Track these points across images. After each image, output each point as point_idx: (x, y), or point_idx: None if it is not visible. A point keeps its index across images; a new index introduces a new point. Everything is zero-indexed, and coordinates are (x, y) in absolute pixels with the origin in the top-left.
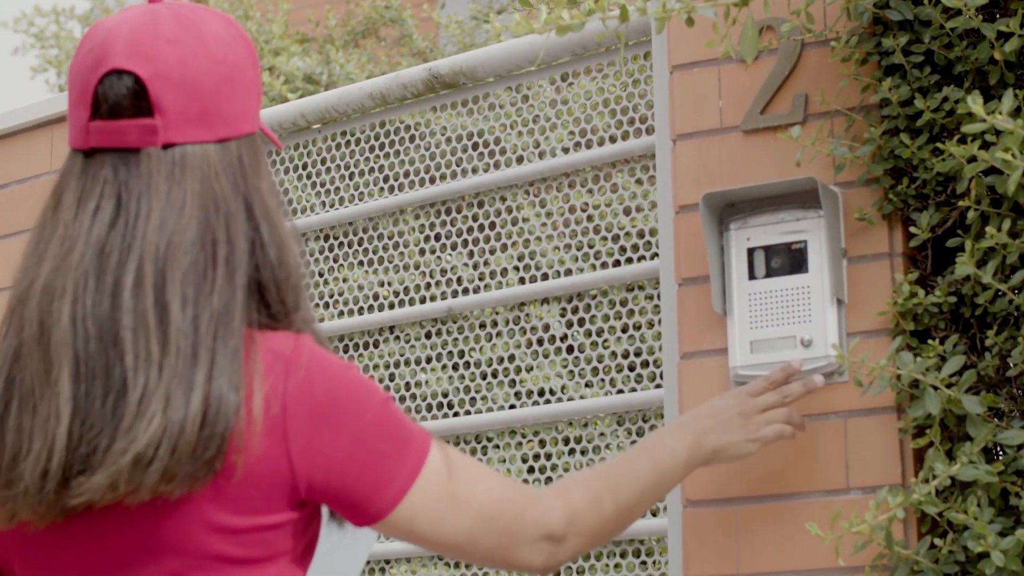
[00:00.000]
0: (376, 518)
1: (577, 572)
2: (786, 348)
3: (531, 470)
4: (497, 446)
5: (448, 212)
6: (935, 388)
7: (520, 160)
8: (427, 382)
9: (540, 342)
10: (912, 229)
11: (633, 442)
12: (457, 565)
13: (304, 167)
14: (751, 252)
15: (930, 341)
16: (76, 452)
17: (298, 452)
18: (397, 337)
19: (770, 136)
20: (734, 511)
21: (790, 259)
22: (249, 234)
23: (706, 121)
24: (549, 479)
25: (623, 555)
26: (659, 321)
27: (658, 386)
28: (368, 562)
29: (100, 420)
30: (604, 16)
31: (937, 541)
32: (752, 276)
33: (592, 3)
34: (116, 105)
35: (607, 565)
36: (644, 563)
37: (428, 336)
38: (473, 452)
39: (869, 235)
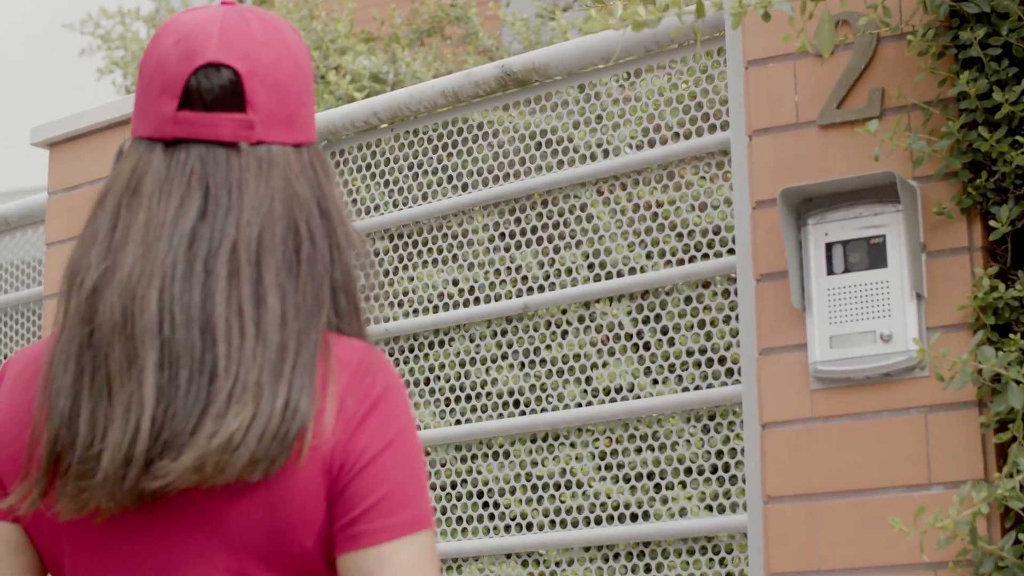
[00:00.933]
0: (368, 539)
1: (644, 570)
2: (865, 343)
3: (604, 467)
4: (571, 444)
5: (517, 211)
6: (1017, 383)
7: (590, 158)
8: (498, 380)
9: (611, 340)
10: (991, 223)
11: (707, 440)
12: (533, 563)
13: (373, 166)
14: (829, 247)
15: (1011, 335)
16: (160, 437)
17: (343, 442)
18: (468, 335)
19: (846, 131)
20: (815, 506)
21: (869, 254)
22: (327, 237)
23: (782, 116)
24: (623, 477)
25: (690, 552)
26: (732, 317)
27: (736, 382)
28: (441, 560)
29: (185, 406)
30: (680, 12)
31: (1022, 536)
32: (831, 271)
33: None
34: (211, 97)
35: (675, 563)
36: (711, 560)
37: (500, 334)
38: (547, 450)
39: (948, 229)
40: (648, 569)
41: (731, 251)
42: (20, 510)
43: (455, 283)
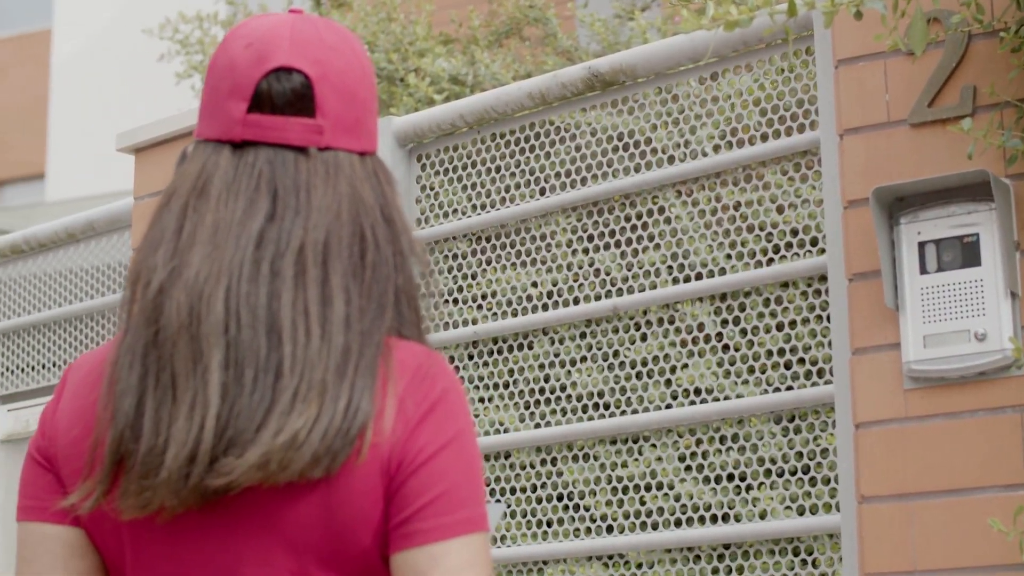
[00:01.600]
0: (421, 537)
1: (726, 572)
2: (960, 342)
3: (687, 468)
4: (653, 445)
5: (598, 213)
6: None
7: (669, 161)
8: (579, 382)
9: (693, 341)
10: None
11: (792, 440)
12: (615, 565)
13: (455, 169)
14: (922, 246)
15: None
16: (224, 435)
17: (402, 442)
18: (549, 337)
19: (938, 129)
20: (910, 506)
21: (962, 252)
22: (391, 244)
23: (873, 115)
24: (707, 478)
25: (772, 554)
26: (816, 318)
27: (827, 382)
28: (524, 562)
29: (250, 404)
30: (772, 11)
31: None
32: (924, 270)
33: None
34: (281, 100)
35: (755, 565)
36: (793, 562)
37: (581, 336)
38: (629, 452)
39: None
40: (730, 571)
41: (817, 251)
42: (81, 509)
43: (536, 285)
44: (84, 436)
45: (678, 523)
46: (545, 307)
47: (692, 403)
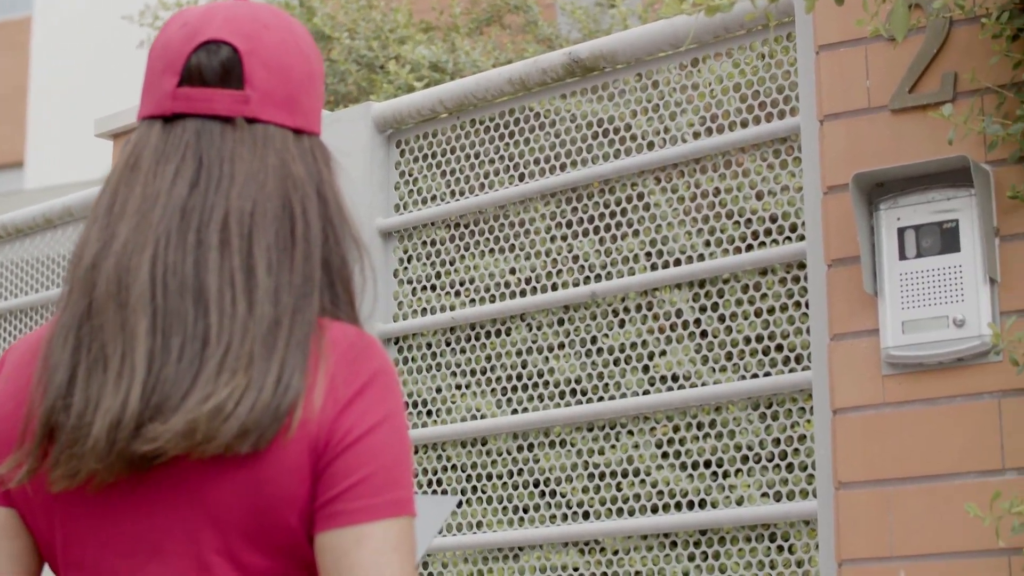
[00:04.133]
0: (347, 518)
1: (701, 559)
2: (938, 328)
3: (664, 456)
4: (631, 432)
5: (576, 200)
6: None
7: (649, 147)
8: (557, 369)
9: (672, 327)
10: None
11: (769, 427)
12: (592, 552)
13: (432, 156)
14: (901, 232)
15: None
16: (150, 402)
17: (330, 421)
18: (527, 324)
19: (919, 115)
20: (887, 492)
21: (942, 238)
22: (323, 221)
23: (853, 101)
24: (684, 464)
25: (748, 540)
26: (795, 304)
27: (805, 368)
28: (500, 549)
29: (176, 372)
30: None
31: None
32: (903, 256)
33: None
34: (210, 73)
35: (731, 551)
36: (781, 548)
37: (559, 323)
38: (607, 438)
39: (1022, 213)
40: (706, 557)
41: (797, 237)
42: (12, 481)
43: (514, 272)
44: (16, 411)
45: (655, 509)
46: (523, 293)
47: (670, 389)
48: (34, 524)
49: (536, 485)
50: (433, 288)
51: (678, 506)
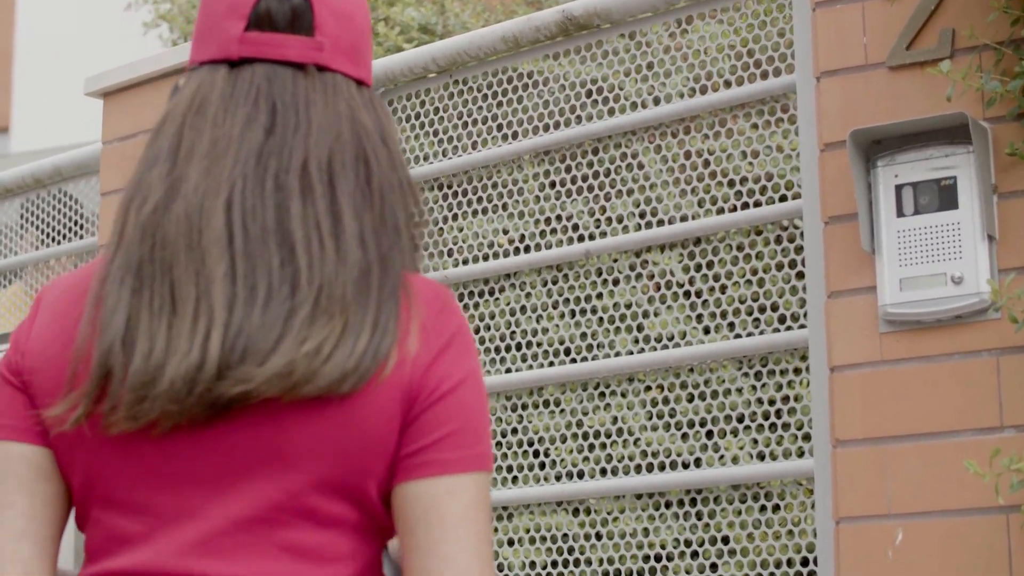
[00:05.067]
0: (438, 468)
1: (696, 516)
2: (936, 285)
3: (659, 415)
4: (623, 394)
5: (568, 158)
6: None
7: (641, 106)
8: (549, 330)
9: (668, 286)
10: None
11: (765, 385)
12: (587, 512)
13: (423, 115)
14: (899, 189)
15: None
16: (235, 345)
17: (423, 370)
18: (518, 284)
19: (916, 72)
20: (884, 450)
21: (939, 196)
22: (395, 170)
23: (850, 58)
24: (679, 423)
25: (743, 499)
26: (788, 263)
27: (801, 327)
28: (493, 508)
29: (264, 316)
30: None
31: None
32: (900, 213)
33: None
34: (280, 18)
35: (728, 510)
36: (777, 507)
37: (551, 282)
38: (600, 397)
39: (1020, 170)
40: (701, 516)
41: (790, 197)
42: (67, 424)
43: (505, 232)
44: (63, 352)
45: (647, 469)
46: (517, 251)
47: (664, 347)
48: (71, 466)
49: (528, 445)
50: (424, 248)
51: (672, 465)
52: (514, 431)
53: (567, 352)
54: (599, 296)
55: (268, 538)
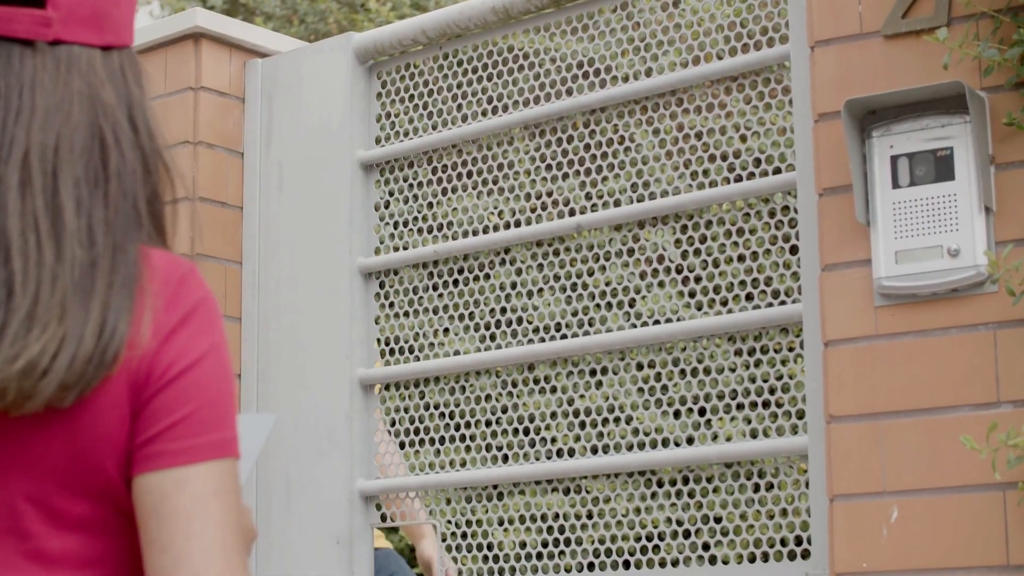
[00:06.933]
0: (168, 459)
1: (688, 495)
2: (932, 258)
3: (651, 391)
4: (614, 372)
5: (559, 131)
6: None
7: (633, 77)
8: (541, 307)
9: (660, 259)
10: None
11: (759, 361)
12: (578, 491)
13: (412, 88)
14: (895, 160)
15: None
16: None
17: (152, 353)
18: (510, 261)
19: (912, 40)
20: (880, 426)
21: (936, 166)
22: (136, 148)
23: (845, 27)
24: (671, 400)
25: (747, 475)
26: (786, 236)
27: (795, 301)
28: (484, 488)
29: None
30: None
31: None
32: (896, 184)
33: None
34: None
35: (720, 487)
36: (771, 484)
37: (542, 257)
38: (592, 374)
39: (1017, 141)
40: (694, 494)
41: (784, 170)
42: None
43: (496, 208)
44: None
45: (639, 446)
46: (507, 226)
47: (657, 323)
48: None
49: (520, 423)
50: (414, 221)
51: (665, 443)
52: (504, 409)
53: (559, 329)
54: (591, 273)
55: (13, 547)
